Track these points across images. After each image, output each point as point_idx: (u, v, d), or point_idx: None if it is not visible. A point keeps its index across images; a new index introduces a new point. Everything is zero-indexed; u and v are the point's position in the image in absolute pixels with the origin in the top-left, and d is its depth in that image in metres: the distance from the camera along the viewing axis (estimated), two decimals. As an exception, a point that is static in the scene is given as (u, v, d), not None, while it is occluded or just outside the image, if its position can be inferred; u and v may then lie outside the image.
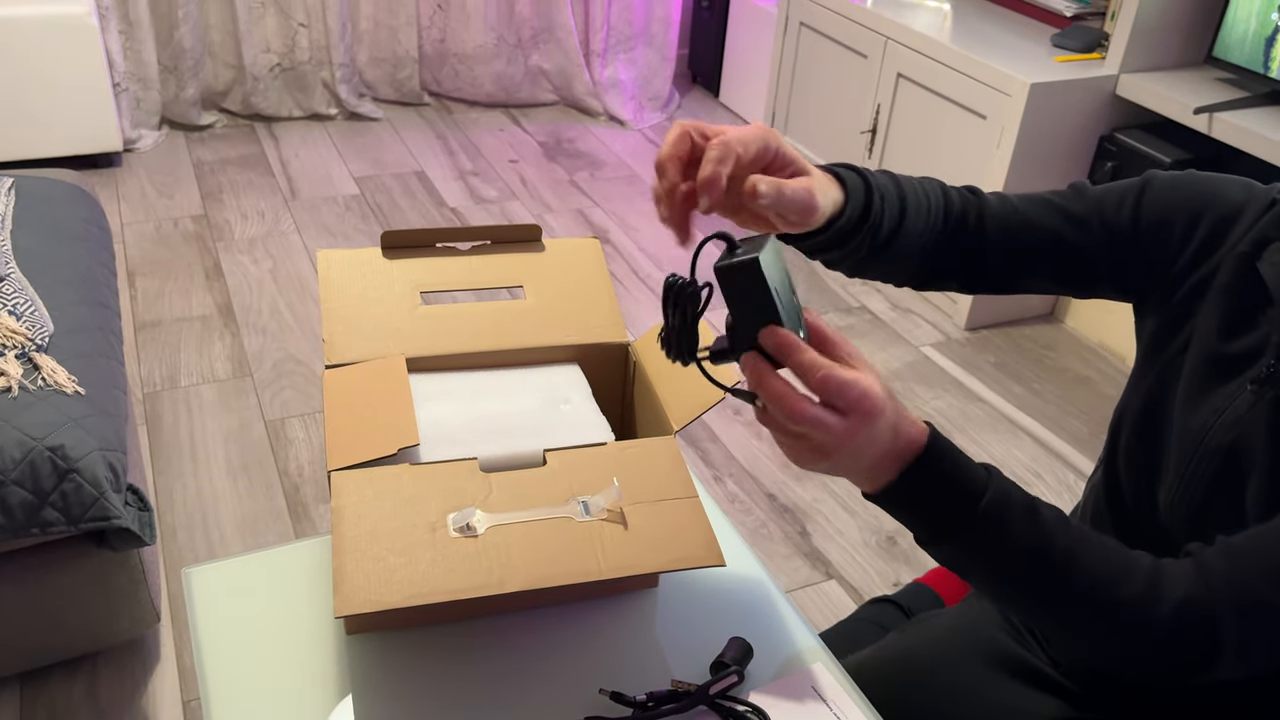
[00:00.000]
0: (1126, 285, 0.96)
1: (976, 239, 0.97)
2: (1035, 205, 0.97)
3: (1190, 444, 0.87)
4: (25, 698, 1.55)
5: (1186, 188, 0.92)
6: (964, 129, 2.62)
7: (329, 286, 1.09)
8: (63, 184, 1.97)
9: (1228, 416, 0.84)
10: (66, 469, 1.32)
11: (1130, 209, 0.93)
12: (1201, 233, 0.90)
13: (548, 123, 3.80)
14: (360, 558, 0.82)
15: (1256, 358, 0.84)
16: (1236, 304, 0.86)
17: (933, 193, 0.97)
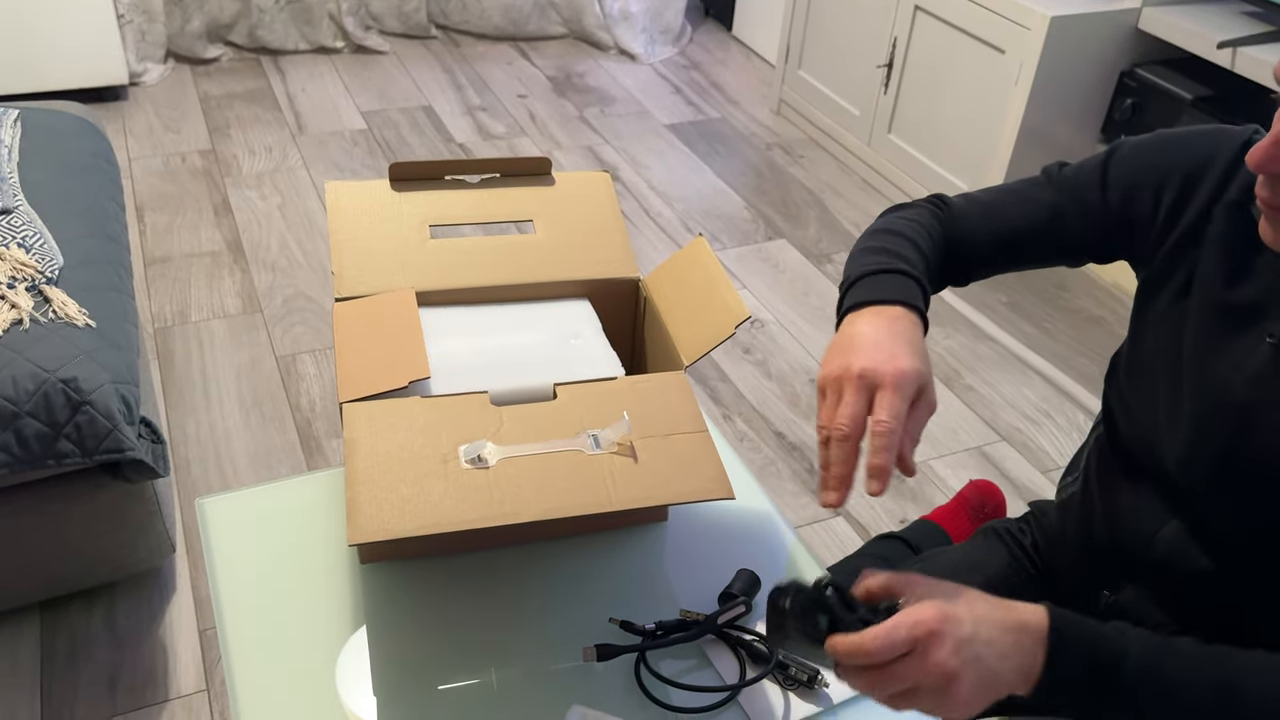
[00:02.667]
0: (1113, 254, 0.97)
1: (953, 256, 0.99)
2: (1006, 204, 0.99)
3: (1208, 396, 0.86)
4: (45, 625, 1.59)
5: (1149, 152, 0.93)
6: (982, 64, 2.58)
7: (337, 218, 1.09)
8: (69, 116, 1.95)
9: (1247, 371, 0.84)
10: (80, 401, 1.33)
11: (1098, 185, 0.95)
12: (1170, 193, 0.90)
13: (557, 56, 3.74)
14: (373, 488, 0.82)
15: (1267, 309, 0.83)
16: (1234, 251, 0.86)
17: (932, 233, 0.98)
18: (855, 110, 3.09)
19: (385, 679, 0.85)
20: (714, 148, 3.21)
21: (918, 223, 0.99)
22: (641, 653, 0.87)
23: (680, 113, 3.41)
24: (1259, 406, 0.83)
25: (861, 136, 3.08)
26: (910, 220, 0.99)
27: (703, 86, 3.61)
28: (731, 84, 3.65)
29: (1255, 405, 0.83)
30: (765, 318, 2.48)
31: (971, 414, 2.22)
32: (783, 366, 2.33)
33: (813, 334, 2.43)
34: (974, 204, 1.01)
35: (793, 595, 0.72)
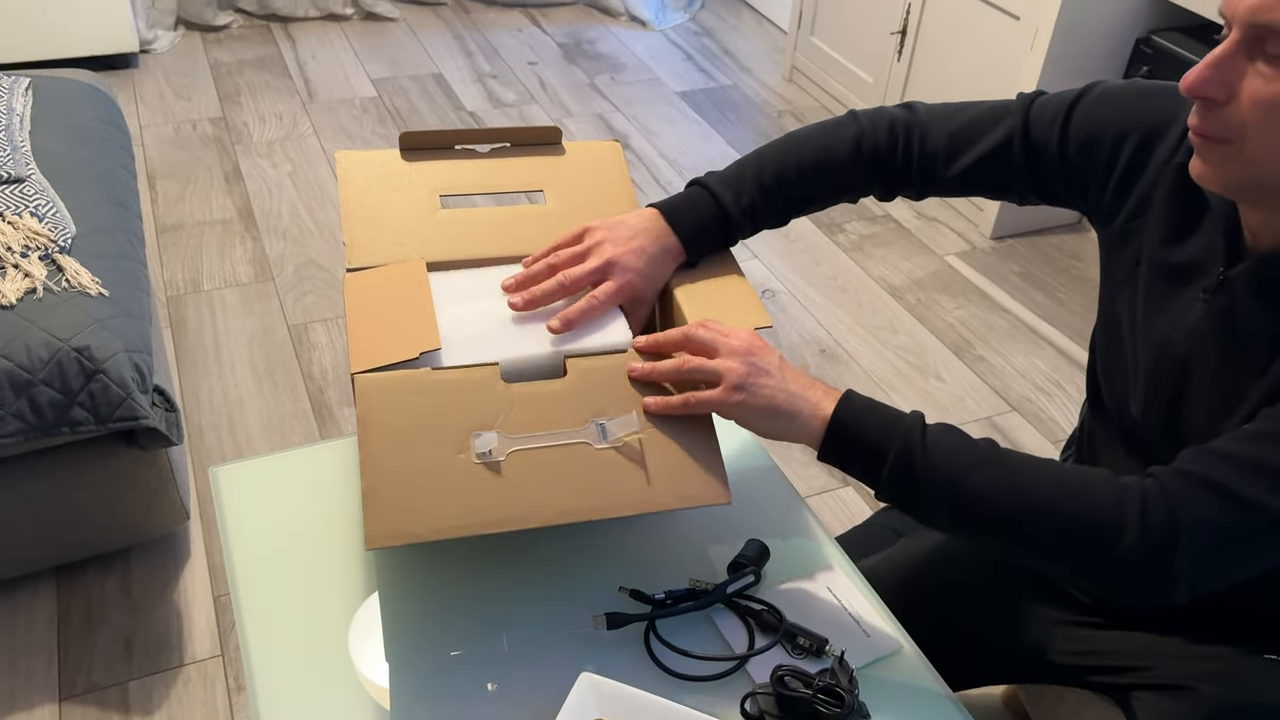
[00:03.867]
0: (1057, 198, 0.99)
1: (905, 170, 1.02)
2: (969, 126, 0.99)
3: (1153, 354, 0.89)
4: (62, 590, 1.61)
5: (1117, 102, 0.93)
6: (996, 30, 2.54)
7: (348, 187, 1.09)
8: (81, 84, 1.95)
9: (1183, 326, 0.86)
10: (94, 369, 1.34)
11: (1059, 127, 0.95)
12: (1129, 149, 0.91)
13: (567, 23, 3.71)
14: (388, 482, 0.83)
15: (1205, 266, 0.85)
16: (1177, 213, 0.87)
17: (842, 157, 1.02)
18: (868, 77, 3.06)
19: (397, 645, 0.86)
20: (725, 115, 3.18)
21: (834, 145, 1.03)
22: (651, 621, 0.88)
23: (691, 80, 3.39)
24: (1193, 359, 0.86)
25: (874, 103, 3.05)
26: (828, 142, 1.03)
27: (714, 53, 3.58)
28: (743, 51, 3.62)
29: (1190, 358, 0.86)
30: (776, 287, 2.48)
31: (982, 384, 2.22)
32: (793, 336, 2.32)
33: (824, 304, 2.43)
34: (938, 123, 1.01)
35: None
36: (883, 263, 2.59)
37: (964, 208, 2.80)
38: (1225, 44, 0.73)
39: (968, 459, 0.81)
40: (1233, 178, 0.76)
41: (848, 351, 2.29)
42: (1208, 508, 0.74)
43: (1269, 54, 0.70)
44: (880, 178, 1.03)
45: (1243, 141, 0.73)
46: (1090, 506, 0.77)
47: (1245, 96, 0.72)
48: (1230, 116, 0.73)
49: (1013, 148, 0.97)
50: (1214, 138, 0.75)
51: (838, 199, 1.06)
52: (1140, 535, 0.75)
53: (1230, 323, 0.82)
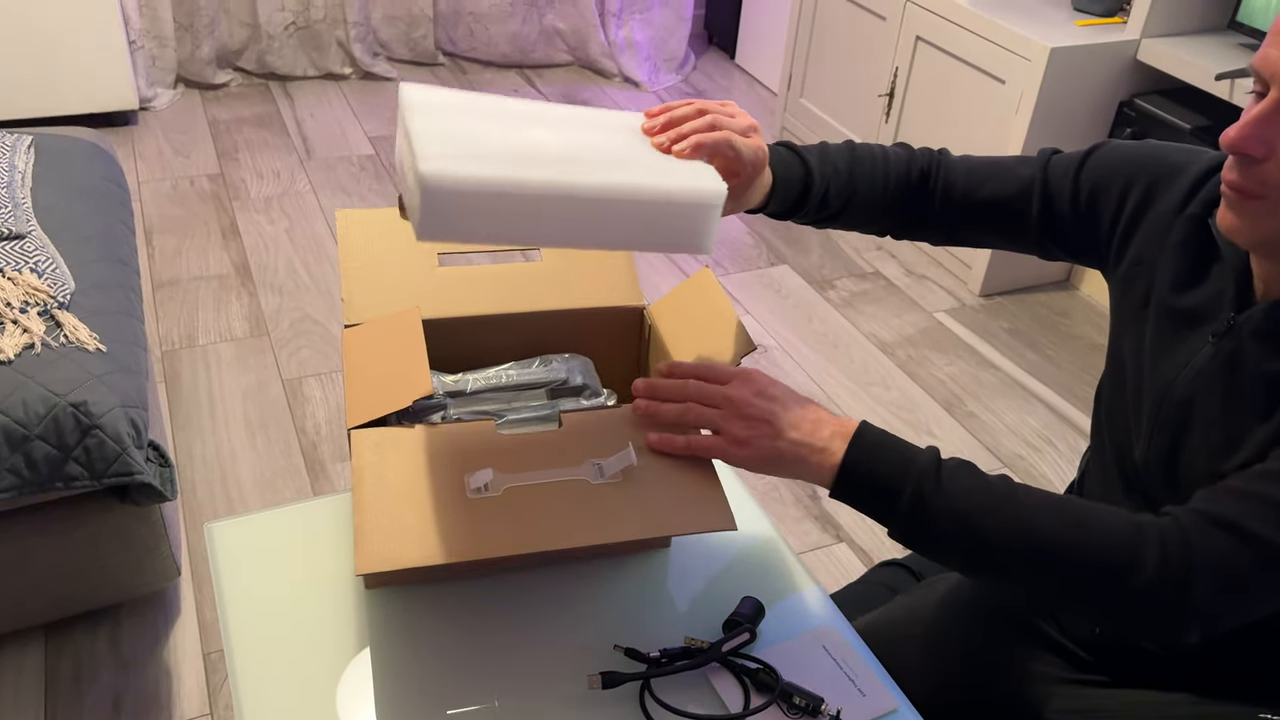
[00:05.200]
0: (1070, 248, 1.02)
1: (929, 201, 1.05)
2: (990, 171, 1.04)
3: (1157, 397, 0.91)
4: (50, 647, 1.59)
5: (1126, 154, 0.98)
6: (983, 94, 2.60)
7: (348, 246, 1.10)
8: (82, 142, 1.98)
9: (1190, 369, 0.88)
10: (89, 425, 1.34)
11: (1071, 177, 0.99)
12: (1135, 196, 0.95)
13: (562, 84, 3.78)
14: (380, 517, 0.83)
15: (1214, 312, 0.87)
16: (1188, 260, 0.90)
17: (894, 164, 1.04)
18: (857, 138, 3.11)
19: (390, 704, 0.86)
20: (717, 174, 3.23)
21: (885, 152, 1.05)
22: (646, 680, 0.88)
23: (684, 139, 3.44)
24: (1197, 402, 0.87)
25: (864, 164, 3.10)
26: (881, 148, 1.06)
27: (706, 113, 3.64)
28: (735, 111, 3.68)
29: (1194, 401, 0.87)
30: (768, 343, 2.50)
31: (974, 440, 2.23)
32: (785, 392, 2.34)
33: (816, 359, 2.45)
34: (963, 164, 1.06)
35: None
36: (873, 319, 2.62)
37: (952, 265, 2.84)
38: (1267, 102, 0.75)
39: (982, 497, 0.81)
40: (1265, 232, 0.78)
41: (840, 407, 2.30)
42: (1222, 545, 0.75)
43: None
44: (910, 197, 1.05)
45: (1279, 197, 0.76)
46: (1106, 542, 0.78)
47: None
48: (1268, 173, 0.76)
49: (1031, 193, 1.01)
50: (1250, 193, 0.77)
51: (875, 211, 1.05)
52: (1156, 571, 0.75)
53: (1235, 366, 0.84)
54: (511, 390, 1.01)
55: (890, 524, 0.83)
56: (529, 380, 1.02)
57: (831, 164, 1.02)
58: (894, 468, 0.82)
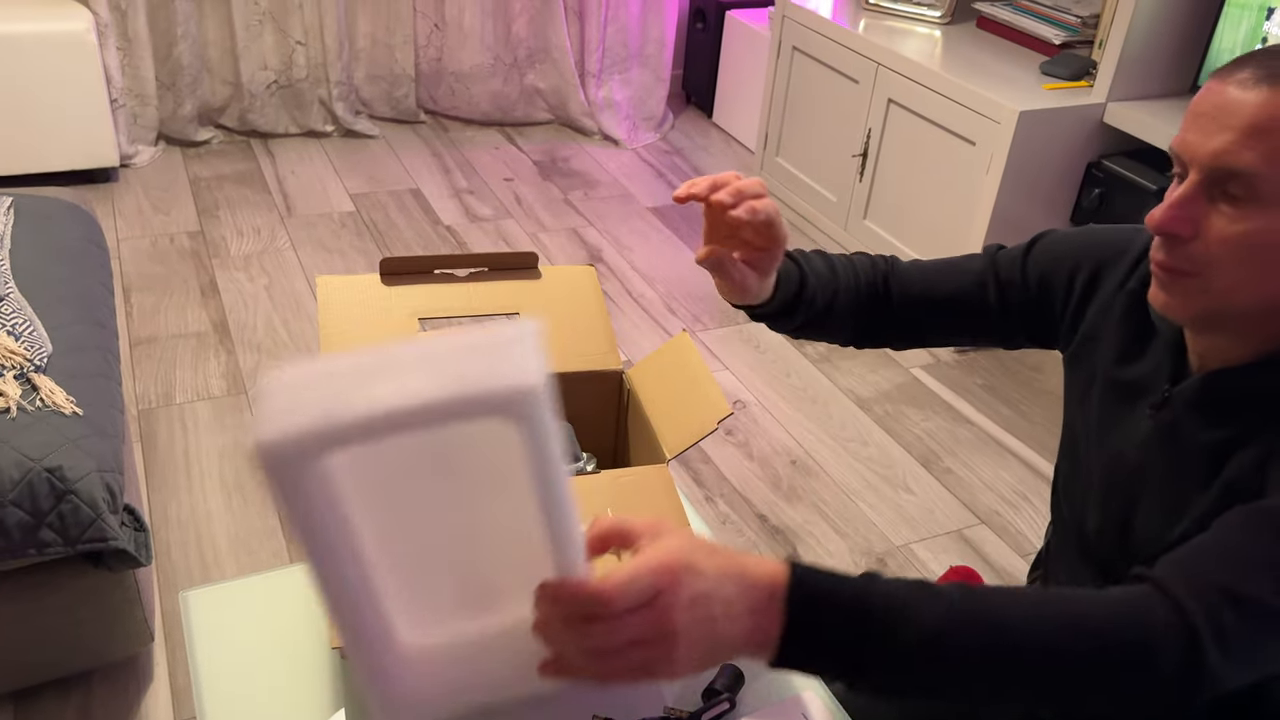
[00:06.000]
0: (1032, 335, 1.05)
1: (887, 305, 1.07)
2: (943, 270, 1.07)
3: (1106, 469, 0.93)
4: (19, 717, 1.56)
5: (1070, 241, 1.01)
6: (954, 155, 2.66)
7: (328, 312, 1.11)
8: (61, 203, 1.98)
9: (1133, 441, 0.90)
10: (64, 490, 1.33)
11: (1019, 265, 1.03)
12: (1082, 278, 0.98)
13: (543, 141, 3.83)
14: None
15: (1153, 384, 0.90)
16: (1129, 334, 0.93)
17: (861, 268, 1.07)
18: (832, 196, 3.17)
19: None
20: (695, 230, 3.27)
21: (850, 261, 1.08)
22: (625, 750, 0.87)
23: (663, 196, 3.49)
24: (1143, 472, 0.89)
25: (838, 221, 3.15)
26: (843, 258, 1.08)
27: (684, 171, 3.69)
28: (712, 169, 3.74)
29: (1138, 471, 0.90)
30: (746, 399, 2.51)
31: (950, 496, 2.24)
32: (764, 448, 2.35)
33: (794, 415, 2.46)
34: (915, 267, 1.08)
35: None
36: (850, 375, 2.64)
37: (928, 321, 2.87)
38: (1187, 185, 0.78)
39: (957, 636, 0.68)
40: (1198, 308, 0.81)
41: (818, 462, 2.31)
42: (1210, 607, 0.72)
43: (1231, 194, 0.76)
44: (872, 304, 1.07)
45: (1209, 276, 0.78)
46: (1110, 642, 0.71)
47: (1212, 235, 0.77)
48: (1195, 252, 0.78)
49: (986, 284, 1.04)
50: (1180, 271, 0.80)
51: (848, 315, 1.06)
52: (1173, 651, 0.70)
53: (1174, 438, 0.87)
54: (490, 456, 1.02)
55: (853, 682, 0.69)
56: (508, 446, 1.03)
57: (815, 264, 1.05)
58: (844, 629, 0.67)
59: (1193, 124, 0.78)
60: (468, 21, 3.71)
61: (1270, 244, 0.75)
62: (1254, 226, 0.75)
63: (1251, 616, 0.72)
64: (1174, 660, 0.70)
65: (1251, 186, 0.74)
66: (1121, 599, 0.74)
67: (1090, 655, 0.70)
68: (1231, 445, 0.82)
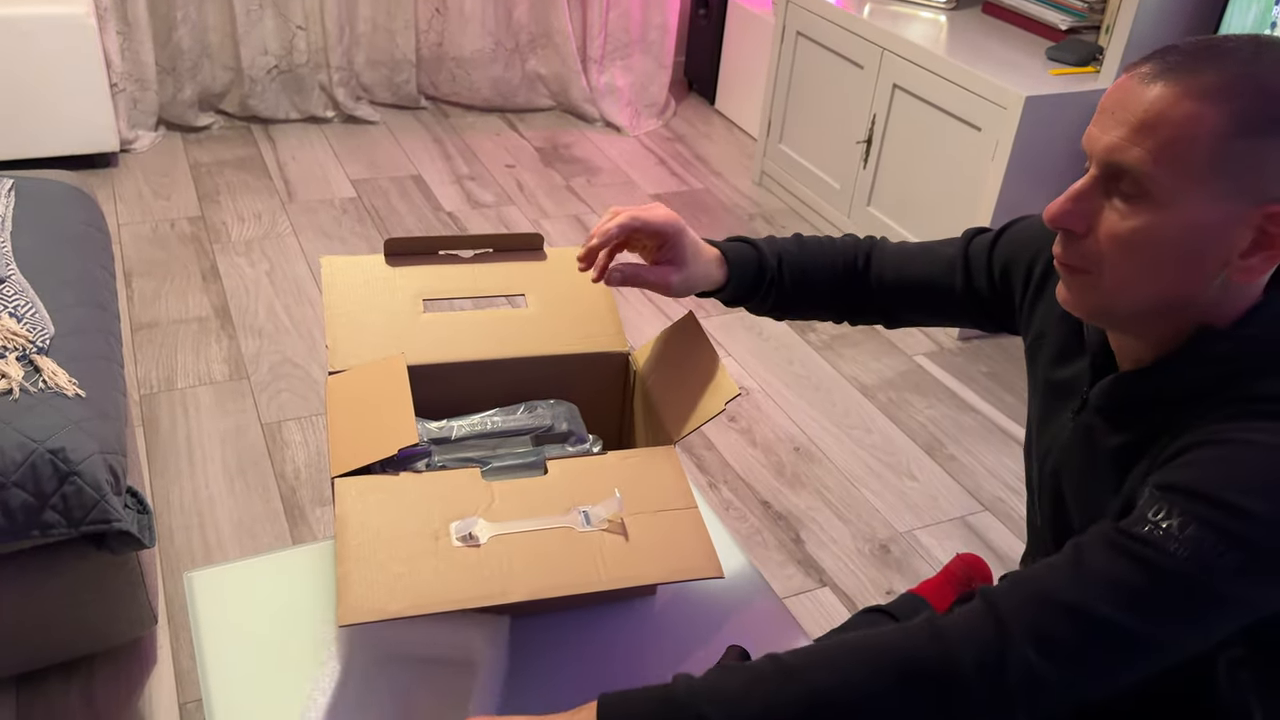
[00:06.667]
0: (994, 320, 1.05)
1: (865, 285, 1.09)
2: (919, 253, 1.08)
3: (1038, 469, 0.94)
4: (22, 700, 1.56)
5: (1030, 232, 1.00)
6: (959, 141, 2.65)
7: (332, 293, 1.10)
8: (62, 185, 1.97)
9: (1058, 442, 0.90)
10: (67, 471, 1.33)
11: (987, 253, 1.03)
12: (1039, 268, 0.98)
13: (544, 128, 3.81)
14: (363, 566, 0.82)
15: (1078, 387, 0.90)
16: (1065, 334, 0.93)
17: (842, 247, 1.10)
18: (835, 183, 3.15)
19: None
20: (697, 217, 3.26)
21: (830, 242, 1.10)
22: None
23: (664, 183, 3.48)
24: (1063, 474, 0.90)
25: (841, 208, 3.14)
26: (827, 236, 1.11)
27: (686, 158, 3.68)
28: (714, 156, 3.72)
29: (1062, 473, 0.90)
30: (750, 385, 2.51)
31: (955, 484, 2.24)
32: (768, 435, 2.34)
33: (797, 402, 2.46)
34: (896, 249, 1.09)
35: None
36: (854, 362, 2.63)
37: (932, 308, 2.86)
38: (1085, 179, 0.77)
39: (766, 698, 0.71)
40: (1091, 305, 0.80)
41: (821, 450, 2.30)
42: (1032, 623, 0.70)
43: (1123, 192, 0.74)
44: (851, 283, 1.10)
45: (1100, 272, 0.77)
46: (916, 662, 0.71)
47: (1103, 231, 0.76)
48: (1088, 248, 0.77)
49: (955, 270, 1.05)
50: (1074, 267, 0.79)
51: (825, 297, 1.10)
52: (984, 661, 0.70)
53: (1088, 440, 0.86)
54: (496, 437, 1.01)
55: None
56: (514, 427, 1.02)
57: (781, 246, 1.07)
58: (655, 710, 0.72)
59: (1096, 117, 0.77)
60: (469, 6, 3.69)
61: (1155, 242, 0.74)
62: (1141, 224, 0.74)
63: (1081, 624, 0.70)
64: (989, 678, 0.69)
65: (1139, 184, 0.73)
66: (929, 626, 0.73)
67: (899, 687, 0.71)
68: (1135, 451, 0.81)
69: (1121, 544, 0.71)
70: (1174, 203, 0.72)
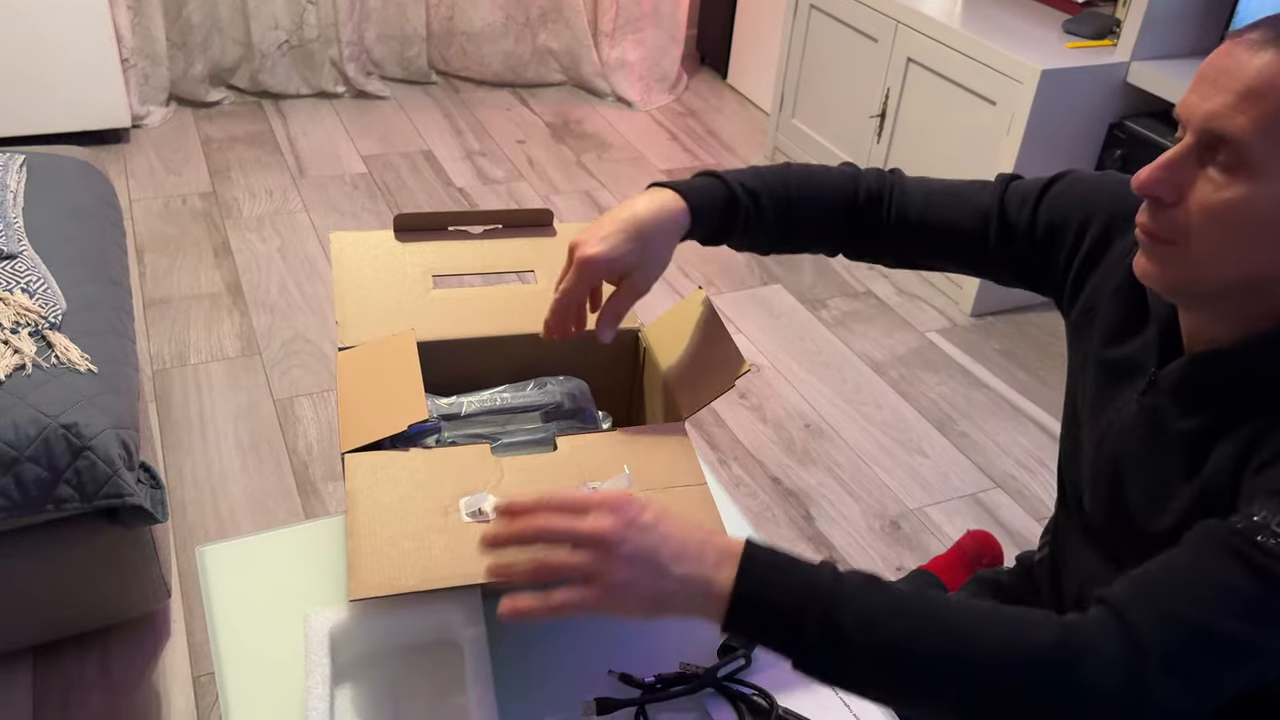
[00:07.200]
0: (1026, 278, 1.00)
1: (883, 222, 1.02)
2: (948, 195, 1.01)
3: (1094, 451, 0.90)
4: (39, 671, 1.58)
5: (1087, 188, 0.95)
6: (974, 115, 2.62)
7: (342, 268, 1.10)
8: (74, 161, 1.98)
9: (1117, 425, 0.87)
10: (80, 446, 1.34)
11: (1030, 207, 0.97)
12: (1093, 233, 0.92)
13: (555, 103, 3.79)
14: (374, 541, 0.83)
15: (1143, 366, 0.86)
16: (1123, 309, 0.88)
17: (836, 178, 1.02)
18: (848, 158, 3.13)
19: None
20: (710, 194, 3.24)
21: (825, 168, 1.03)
22: (641, 706, 0.87)
23: (676, 159, 3.46)
24: (1124, 458, 0.86)
25: (856, 184, 3.12)
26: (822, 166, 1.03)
27: (698, 133, 3.66)
28: (726, 131, 3.70)
29: (1122, 457, 0.86)
30: (761, 362, 2.50)
31: (966, 460, 2.23)
32: (778, 412, 2.34)
33: (808, 379, 2.45)
34: (921, 187, 1.02)
35: None
36: (865, 338, 2.62)
37: (944, 285, 2.84)
38: (1179, 146, 0.74)
39: (902, 623, 0.70)
40: (1173, 279, 0.77)
41: (832, 426, 2.30)
42: (1160, 636, 0.69)
43: (1220, 162, 0.72)
44: (860, 218, 1.03)
45: (1187, 244, 0.74)
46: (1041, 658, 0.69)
47: (1194, 201, 0.73)
48: (1177, 218, 0.74)
49: (988, 222, 0.98)
50: (1159, 238, 0.76)
51: (820, 229, 1.03)
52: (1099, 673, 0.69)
53: (1157, 425, 0.83)
54: (506, 413, 1.01)
55: (795, 655, 0.71)
56: (524, 403, 1.02)
57: (759, 179, 1.00)
58: (793, 592, 0.71)
59: (1196, 84, 0.74)
60: (480, -20, 3.67)
61: (1252, 217, 0.71)
62: (1237, 196, 0.71)
63: (1207, 645, 0.68)
64: (1110, 692, 0.67)
65: (1239, 154, 0.70)
66: (1070, 625, 0.71)
67: (1024, 676, 0.69)
68: (1211, 436, 0.78)
69: (1246, 553, 0.68)
70: (1274, 175, 0.70)
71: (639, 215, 0.93)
